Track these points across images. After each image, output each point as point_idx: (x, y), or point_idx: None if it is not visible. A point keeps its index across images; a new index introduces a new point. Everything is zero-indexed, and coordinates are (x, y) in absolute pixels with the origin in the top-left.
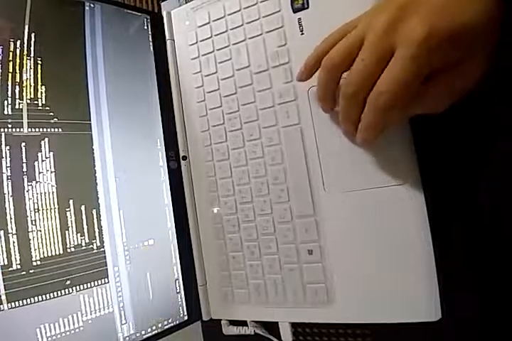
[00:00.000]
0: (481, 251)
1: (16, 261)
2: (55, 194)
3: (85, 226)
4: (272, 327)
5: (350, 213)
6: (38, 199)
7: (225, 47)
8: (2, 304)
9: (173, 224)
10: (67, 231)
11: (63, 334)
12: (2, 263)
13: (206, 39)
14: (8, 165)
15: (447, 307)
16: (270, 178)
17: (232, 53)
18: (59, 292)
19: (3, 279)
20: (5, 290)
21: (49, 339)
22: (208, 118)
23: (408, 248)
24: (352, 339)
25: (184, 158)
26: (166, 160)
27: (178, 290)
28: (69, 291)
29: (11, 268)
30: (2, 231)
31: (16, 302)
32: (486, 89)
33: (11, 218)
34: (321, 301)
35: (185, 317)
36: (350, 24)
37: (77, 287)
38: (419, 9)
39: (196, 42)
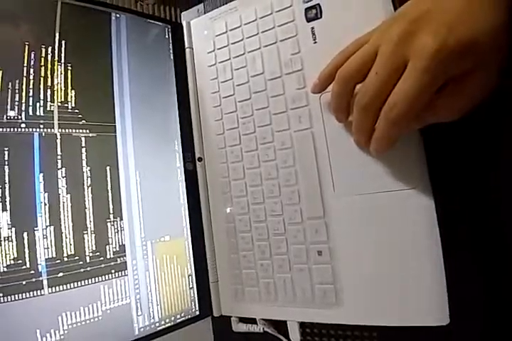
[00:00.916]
0: (490, 255)
1: (50, 253)
2: (81, 191)
3: (109, 222)
4: (281, 326)
5: (359, 216)
6: (66, 196)
7: (241, 54)
8: (43, 289)
9: (188, 223)
10: (92, 226)
11: (83, 323)
12: (49, 254)
13: (223, 47)
14: (40, 163)
15: (455, 311)
16: (282, 180)
17: (248, 61)
18: (82, 282)
19: (46, 266)
20: (47, 275)
21: (69, 326)
22: (223, 122)
23: (417, 251)
24: None
25: (200, 159)
26: (182, 162)
27: (191, 286)
28: (91, 282)
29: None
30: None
31: (54, 288)
32: (497, 94)
33: (44, 213)
34: (330, 302)
35: (197, 313)
36: (364, 38)
37: (99, 278)
38: (431, 22)
39: (214, 50)
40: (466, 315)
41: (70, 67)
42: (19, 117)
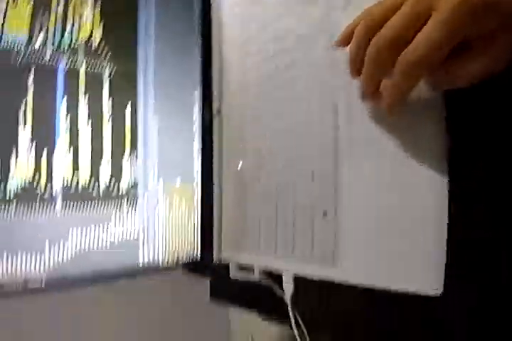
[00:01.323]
0: (500, 236)
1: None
2: (100, 123)
3: (124, 156)
4: (277, 277)
5: (370, 179)
6: (85, 124)
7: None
8: (56, 208)
9: (200, 170)
10: (108, 157)
11: (90, 249)
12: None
13: None
14: (63, 97)
15: (448, 283)
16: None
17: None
18: (94, 209)
19: (62, 187)
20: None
21: (77, 250)
22: (245, 75)
23: (423, 221)
24: (347, 308)
25: (218, 111)
26: (201, 110)
27: (195, 230)
28: (102, 210)
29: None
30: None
31: (66, 210)
32: None
33: (64, 137)
34: (327, 259)
35: (198, 257)
36: None
37: (110, 208)
38: None
39: None
40: (457, 290)
41: (99, 2)
42: (45, 46)
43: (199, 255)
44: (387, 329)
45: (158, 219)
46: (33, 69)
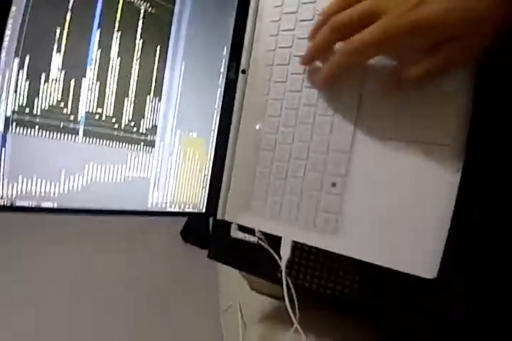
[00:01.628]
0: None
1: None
2: (130, 60)
3: (148, 99)
4: (274, 243)
5: (384, 160)
6: (116, 59)
7: None
8: (78, 136)
9: (217, 127)
10: (133, 97)
11: (104, 180)
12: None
13: None
14: (100, 21)
15: (444, 268)
16: (319, 109)
17: None
18: (113, 143)
19: (86, 116)
20: (84, 125)
21: (92, 179)
22: (277, 39)
23: (428, 205)
24: (340, 280)
25: (244, 71)
26: (227, 69)
27: (204, 185)
28: (121, 146)
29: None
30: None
31: (88, 138)
32: None
33: (93, 68)
34: (329, 230)
35: (203, 210)
36: None
37: (128, 145)
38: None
39: None
40: (452, 275)
41: None
42: None
43: (203, 209)
44: (378, 307)
45: (171, 166)
46: None
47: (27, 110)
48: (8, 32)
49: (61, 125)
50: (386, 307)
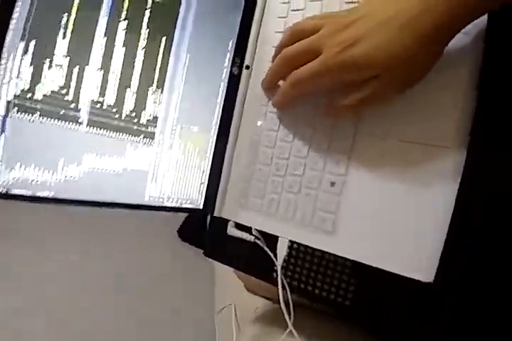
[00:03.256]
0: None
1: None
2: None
3: (150, 90)
4: (271, 242)
5: (384, 160)
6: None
7: None
8: (78, 124)
9: (218, 122)
10: (135, 87)
11: (103, 170)
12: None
13: None
14: (109, 7)
15: (441, 272)
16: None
17: None
18: (113, 133)
19: (87, 105)
20: (85, 113)
21: (89, 168)
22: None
23: (427, 207)
24: (336, 282)
25: (247, 67)
26: (231, 64)
27: (202, 181)
28: (121, 136)
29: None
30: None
31: (88, 127)
32: None
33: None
34: (325, 229)
35: (200, 206)
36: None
37: (128, 136)
38: (343, 34)
39: None
40: (449, 279)
41: None
42: None
43: (201, 205)
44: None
45: (170, 160)
46: None
47: (29, 95)
48: (15, 15)
49: (62, 112)
50: (380, 312)
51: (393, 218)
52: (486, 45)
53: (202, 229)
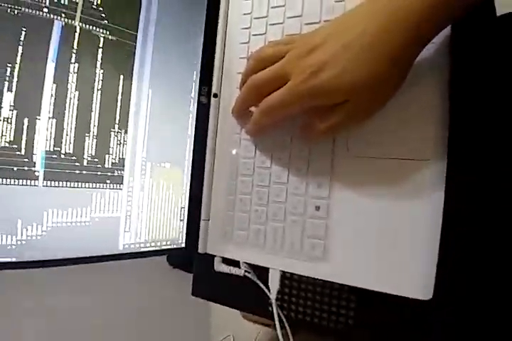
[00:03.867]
0: (493, 241)
1: (48, 146)
2: (90, 92)
3: (113, 132)
4: (261, 274)
5: (366, 179)
6: (74, 92)
7: None
8: (36, 180)
9: (191, 156)
10: (95, 131)
11: (69, 224)
12: (47, 147)
13: None
14: (55, 52)
15: (439, 288)
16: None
17: (287, 0)
18: (75, 183)
19: (42, 158)
20: (40, 167)
21: (53, 224)
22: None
23: (416, 223)
24: (335, 302)
25: (215, 95)
26: (197, 94)
27: (181, 218)
28: (85, 186)
29: (50, 150)
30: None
31: (46, 182)
32: None
33: (49, 104)
34: (316, 256)
35: (183, 245)
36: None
37: (93, 184)
38: (309, 60)
39: None
40: (448, 294)
41: None
42: (43, 1)
43: (183, 244)
44: (375, 331)
45: (143, 202)
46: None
47: None
48: None
49: (14, 168)
50: (382, 334)
51: (383, 238)
52: (452, 52)
53: (190, 254)
